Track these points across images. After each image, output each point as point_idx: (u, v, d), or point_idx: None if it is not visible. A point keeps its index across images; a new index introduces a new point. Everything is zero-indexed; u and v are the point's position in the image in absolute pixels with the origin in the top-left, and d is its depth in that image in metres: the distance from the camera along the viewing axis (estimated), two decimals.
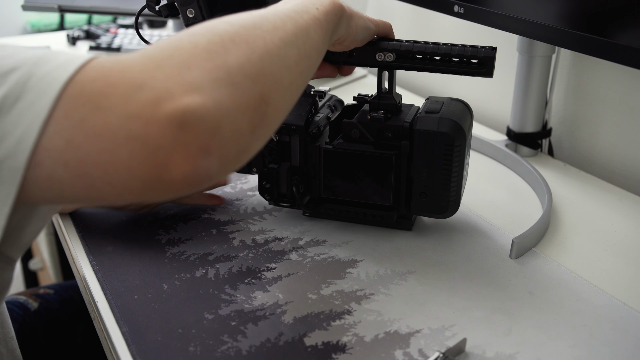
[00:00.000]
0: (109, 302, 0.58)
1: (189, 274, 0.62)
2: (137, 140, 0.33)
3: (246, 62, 0.38)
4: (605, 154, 0.86)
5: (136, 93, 0.33)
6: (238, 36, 0.39)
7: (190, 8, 0.62)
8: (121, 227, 0.70)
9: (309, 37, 0.46)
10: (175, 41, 0.38)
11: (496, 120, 1.03)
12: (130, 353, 0.52)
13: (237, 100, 0.36)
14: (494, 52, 0.59)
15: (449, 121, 0.61)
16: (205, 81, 0.35)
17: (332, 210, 0.68)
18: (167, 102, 0.33)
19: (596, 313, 0.56)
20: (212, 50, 0.37)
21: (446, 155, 0.61)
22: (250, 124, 0.37)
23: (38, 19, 2.47)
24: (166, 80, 0.34)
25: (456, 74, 0.61)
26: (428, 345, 0.52)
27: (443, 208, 0.64)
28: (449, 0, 0.80)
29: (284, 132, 0.66)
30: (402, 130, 0.62)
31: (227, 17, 0.41)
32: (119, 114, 0.33)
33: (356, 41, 0.59)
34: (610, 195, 0.77)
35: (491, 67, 0.59)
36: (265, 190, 0.69)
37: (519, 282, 0.60)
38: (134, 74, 0.34)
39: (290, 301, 0.58)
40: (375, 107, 0.64)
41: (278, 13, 0.45)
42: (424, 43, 0.61)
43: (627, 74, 0.81)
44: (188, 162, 0.33)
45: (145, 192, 0.34)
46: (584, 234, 0.69)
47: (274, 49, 0.41)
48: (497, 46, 0.61)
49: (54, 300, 0.89)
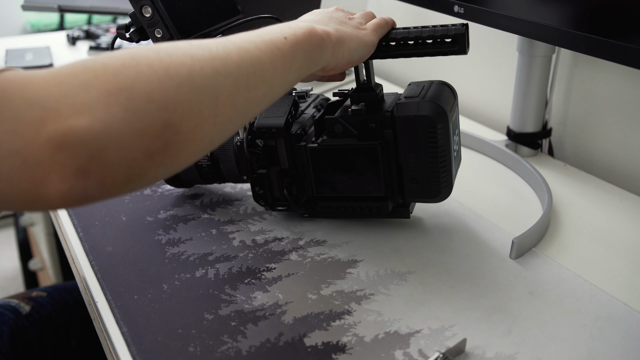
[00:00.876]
0: (108, 302, 0.58)
1: (189, 274, 0.62)
2: (17, 155, 0.34)
3: (157, 88, 0.38)
4: (605, 154, 0.86)
5: (26, 110, 0.35)
6: (158, 62, 0.39)
7: (157, 28, 0.62)
8: (121, 227, 0.70)
9: (262, 68, 0.45)
10: (90, 61, 0.38)
11: (496, 120, 1.03)
12: (130, 353, 0.52)
13: (131, 125, 0.36)
14: (464, 28, 0.59)
15: (429, 103, 0.60)
16: (99, 103, 0.36)
17: (328, 208, 0.68)
18: (51, 122, 0.34)
19: (596, 313, 0.56)
20: (121, 73, 0.37)
21: (430, 138, 0.61)
22: (146, 150, 0.37)
23: (38, 19, 2.47)
24: (60, 99, 0.35)
25: (430, 55, 0.61)
26: (428, 346, 0.52)
27: (436, 192, 0.63)
28: (449, 0, 0.80)
29: (268, 136, 0.66)
30: (384, 119, 0.62)
31: (161, 44, 0.42)
32: (6, 129, 0.34)
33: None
34: (611, 195, 0.77)
35: (464, 44, 0.59)
36: (259, 196, 0.69)
37: (519, 282, 0.60)
38: (32, 90, 0.36)
39: (290, 301, 0.58)
40: (356, 100, 0.64)
41: (228, 42, 0.45)
42: (394, 30, 0.61)
43: (627, 74, 0.81)
44: (63, 181, 0.35)
45: (27, 205, 0.36)
46: (584, 234, 0.69)
47: (200, 79, 0.41)
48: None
49: (47, 304, 0.88)
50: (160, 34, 0.63)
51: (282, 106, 0.66)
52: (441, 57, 1.13)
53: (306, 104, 0.71)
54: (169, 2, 0.63)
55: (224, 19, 0.68)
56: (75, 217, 0.73)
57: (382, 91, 0.65)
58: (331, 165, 0.65)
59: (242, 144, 0.67)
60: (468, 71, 1.08)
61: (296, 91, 0.69)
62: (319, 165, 0.66)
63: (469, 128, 0.95)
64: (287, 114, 0.65)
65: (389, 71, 1.29)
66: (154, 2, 0.62)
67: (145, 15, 0.63)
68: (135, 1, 0.62)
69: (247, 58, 0.45)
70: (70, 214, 0.74)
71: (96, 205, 0.75)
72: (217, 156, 0.71)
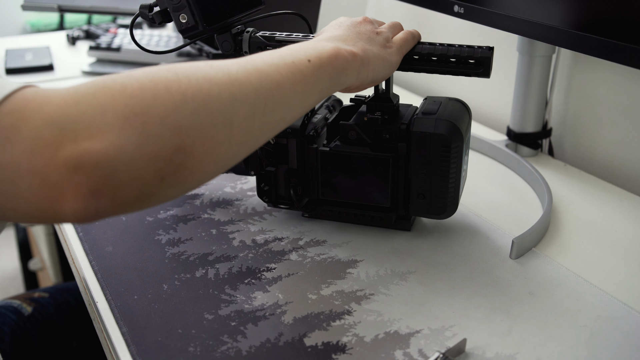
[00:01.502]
0: (108, 302, 0.58)
1: (189, 274, 0.62)
2: (36, 175, 0.36)
3: (172, 113, 0.39)
4: (605, 154, 0.86)
5: (44, 130, 0.36)
6: (176, 86, 0.40)
7: (182, 14, 0.62)
8: (121, 227, 0.70)
9: (280, 92, 0.45)
10: (109, 80, 0.39)
11: (496, 120, 1.03)
12: (130, 353, 0.52)
13: (144, 149, 0.37)
14: (490, 52, 0.59)
15: (446, 122, 0.60)
16: (115, 127, 0.37)
17: (331, 211, 0.68)
18: (69, 143, 0.36)
19: (596, 313, 0.56)
20: (137, 96, 0.38)
21: (443, 156, 0.61)
22: (157, 173, 0.38)
23: (38, 19, 2.47)
24: (77, 121, 0.36)
25: (453, 74, 0.61)
26: (428, 346, 0.52)
27: (441, 209, 0.64)
28: (449, 0, 0.80)
29: (281, 135, 0.66)
30: (399, 132, 0.62)
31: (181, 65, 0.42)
32: (25, 149, 0.36)
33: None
34: (611, 195, 0.77)
35: (488, 68, 0.59)
36: (264, 192, 0.69)
37: (519, 282, 0.60)
38: (50, 109, 0.37)
39: (290, 301, 0.58)
40: (372, 109, 0.64)
41: (249, 64, 0.45)
42: (420, 44, 0.61)
43: (627, 74, 0.81)
44: (78, 201, 0.36)
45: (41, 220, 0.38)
46: (584, 234, 0.69)
47: (216, 104, 0.41)
48: (497, 46, 0.61)
49: (49, 305, 0.88)
50: (185, 19, 0.62)
51: None
52: None
53: (319, 105, 0.71)
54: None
55: (247, 9, 0.68)
56: None
57: (398, 102, 0.65)
58: (340, 170, 0.65)
59: None
60: None
61: None
62: (327, 169, 0.66)
63: None
64: (304, 115, 0.65)
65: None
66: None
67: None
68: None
69: (267, 82, 0.45)
70: None
71: None
72: None
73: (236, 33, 0.66)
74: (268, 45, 0.65)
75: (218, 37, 0.66)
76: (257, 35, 0.65)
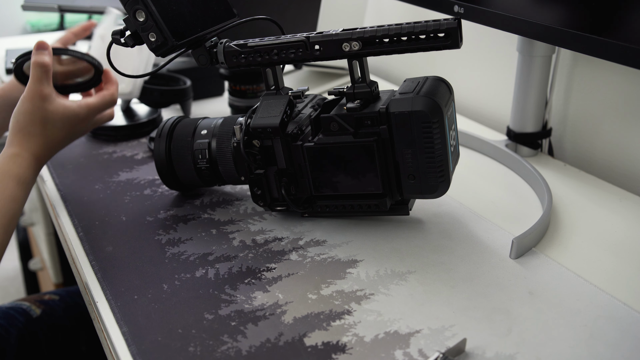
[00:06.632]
0: (108, 302, 0.58)
1: (189, 274, 0.62)
2: None
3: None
4: (605, 154, 0.86)
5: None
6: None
7: (151, 32, 0.63)
8: (121, 227, 0.70)
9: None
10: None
11: (496, 120, 1.03)
12: (130, 353, 0.52)
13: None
14: (457, 22, 0.59)
15: (423, 98, 0.60)
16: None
17: (327, 207, 0.68)
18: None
19: (596, 313, 0.56)
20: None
21: (426, 133, 0.61)
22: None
23: (38, 19, 2.48)
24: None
25: (423, 50, 0.60)
26: (428, 346, 0.52)
27: (433, 187, 0.63)
28: (449, 0, 0.80)
29: (264, 136, 0.66)
30: (379, 115, 0.62)
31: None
32: None
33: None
34: (611, 195, 0.77)
35: (456, 38, 0.59)
36: (258, 197, 0.69)
37: (519, 282, 0.60)
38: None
39: (290, 301, 0.58)
40: (351, 98, 0.64)
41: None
42: (387, 26, 0.61)
43: (627, 74, 0.81)
44: None
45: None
46: (584, 234, 0.69)
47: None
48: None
49: (58, 307, 0.88)
50: (155, 37, 0.63)
51: (278, 106, 0.66)
52: (441, 58, 1.13)
53: (303, 104, 0.71)
54: (162, 5, 0.63)
55: (219, 22, 0.69)
56: (76, 217, 0.73)
57: (377, 88, 0.65)
58: (328, 163, 0.65)
59: (239, 145, 0.67)
60: (468, 71, 1.08)
61: (292, 91, 0.69)
62: (316, 164, 0.66)
63: (469, 128, 0.95)
64: (283, 113, 0.65)
65: (388, 71, 1.29)
66: (147, 5, 0.62)
67: (138, 20, 0.62)
68: (128, 5, 0.62)
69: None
70: (70, 214, 0.74)
71: (96, 205, 0.75)
72: (215, 158, 0.71)
73: (211, 46, 0.67)
74: (242, 53, 0.65)
75: (193, 52, 0.67)
76: (231, 45, 0.66)
